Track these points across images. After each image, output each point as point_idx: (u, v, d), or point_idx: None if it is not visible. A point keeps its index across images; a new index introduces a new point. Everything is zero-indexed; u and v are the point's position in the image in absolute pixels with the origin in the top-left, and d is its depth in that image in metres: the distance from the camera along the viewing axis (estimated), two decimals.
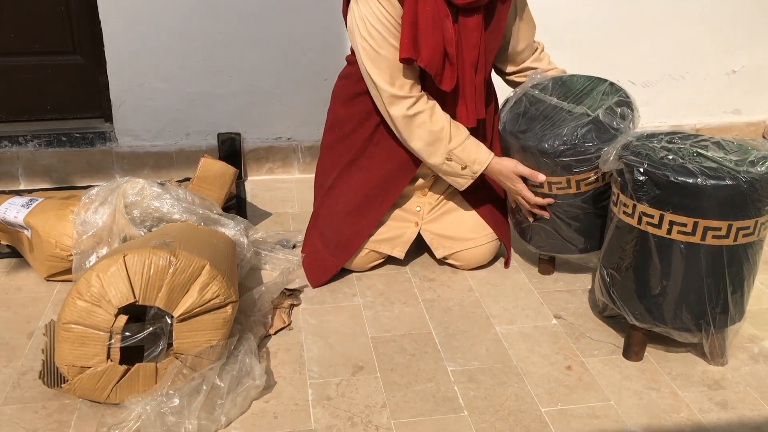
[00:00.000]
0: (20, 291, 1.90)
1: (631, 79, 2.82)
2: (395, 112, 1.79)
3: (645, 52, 2.78)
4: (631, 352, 1.66)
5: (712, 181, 1.41)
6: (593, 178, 1.74)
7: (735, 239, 1.46)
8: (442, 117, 1.81)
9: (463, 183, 1.88)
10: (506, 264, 2.07)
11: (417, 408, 1.50)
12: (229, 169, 2.19)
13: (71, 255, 1.83)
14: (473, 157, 1.83)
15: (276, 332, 1.74)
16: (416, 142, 1.82)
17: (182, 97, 2.54)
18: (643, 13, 2.71)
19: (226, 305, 1.49)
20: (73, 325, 1.39)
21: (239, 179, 2.61)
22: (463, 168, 1.83)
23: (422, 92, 1.81)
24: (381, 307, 1.86)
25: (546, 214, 1.83)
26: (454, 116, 1.86)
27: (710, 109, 2.95)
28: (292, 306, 1.84)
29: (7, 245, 2.07)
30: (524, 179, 1.82)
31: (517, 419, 1.48)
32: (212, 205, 1.97)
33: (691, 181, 1.42)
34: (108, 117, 2.58)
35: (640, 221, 1.52)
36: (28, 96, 2.55)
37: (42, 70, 2.52)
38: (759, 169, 1.43)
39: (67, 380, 1.42)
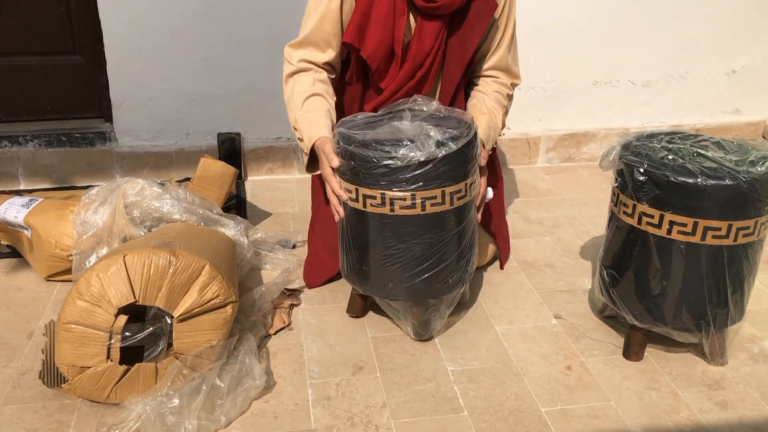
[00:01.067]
0: (20, 291, 1.90)
1: (631, 79, 2.82)
2: (284, 68, 1.82)
3: (645, 52, 2.78)
4: (631, 352, 1.66)
5: (712, 181, 1.41)
6: (409, 202, 1.50)
7: (735, 239, 1.46)
8: (308, 87, 1.74)
9: (305, 160, 1.75)
10: (501, 266, 2.07)
11: (417, 408, 1.50)
12: (229, 169, 2.19)
13: (71, 255, 1.83)
14: (312, 132, 1.68)
15: (276, 332, 1.74)
16: (285, 97, 1.83)
17: (182, 97, 2.54)
18: (643, 13, 2.71)
19: (226, 305, 1.49)
20: (73, 325, 1.39)
21: (239, 179, 2.61)
22: (300, 140, 1.74)
23: (309, 70, 1.77)
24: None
25: (340, 211, 1.62)
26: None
27: (710, 109, 2.95)
28: (292, 306, 1.84)
29: (7, 245, 2.07)
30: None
31: (517, 419, 1.48)
32: (212, 205, 1.97)
33: (691, 181, 1.42)
34: (108, 117, 2.58)
35: (640, 221, 1.52)
36: (28, 96, 2.55)
37: (42, 70, 2.52)
38: (759, 169, 1.43)
39: (67, 380, 1.42)
